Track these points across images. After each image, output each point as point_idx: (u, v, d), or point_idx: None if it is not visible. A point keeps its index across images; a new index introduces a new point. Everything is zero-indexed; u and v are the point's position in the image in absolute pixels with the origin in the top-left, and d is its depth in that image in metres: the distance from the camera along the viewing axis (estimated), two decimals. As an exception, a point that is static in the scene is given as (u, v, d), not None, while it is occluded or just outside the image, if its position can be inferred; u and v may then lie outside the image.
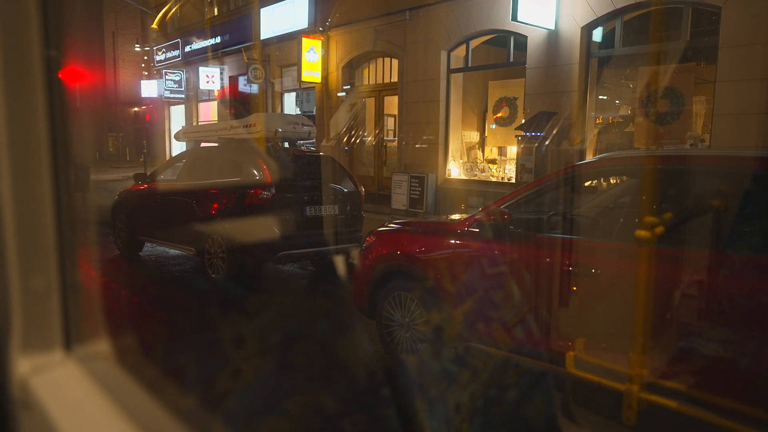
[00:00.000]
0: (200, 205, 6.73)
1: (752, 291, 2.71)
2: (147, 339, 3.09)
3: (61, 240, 0.92)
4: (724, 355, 2.69)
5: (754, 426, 2.51)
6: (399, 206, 11.24)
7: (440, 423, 1.55)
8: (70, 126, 0.95)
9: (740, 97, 6.94)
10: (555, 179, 3.81)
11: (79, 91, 17.03)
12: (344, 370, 1.50)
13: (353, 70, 13.49)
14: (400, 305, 4.01)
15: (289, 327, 1.92)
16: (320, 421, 1.47)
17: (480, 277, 3.60)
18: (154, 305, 5.65)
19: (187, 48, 19.56)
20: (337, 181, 6.97)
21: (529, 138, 8.75)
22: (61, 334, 0.90)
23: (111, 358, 0.92)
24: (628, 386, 2.80)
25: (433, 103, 11.11)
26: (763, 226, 2.90)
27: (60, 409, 0.79)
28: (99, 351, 0.92)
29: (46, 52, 0.88)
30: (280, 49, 15.01)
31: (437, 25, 10.87)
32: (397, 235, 4.41)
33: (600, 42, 8.85)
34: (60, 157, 0.92)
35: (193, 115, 20.06)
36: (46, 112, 0.89)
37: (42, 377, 0.85)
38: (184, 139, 8.92)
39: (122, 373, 0.87)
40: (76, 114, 1.00)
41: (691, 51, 7.79)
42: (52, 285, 0.90)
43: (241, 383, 1.80)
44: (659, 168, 3.26)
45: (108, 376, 0.85)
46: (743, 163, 3.15)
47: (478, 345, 3.31)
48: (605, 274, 3.20)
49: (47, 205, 0.90)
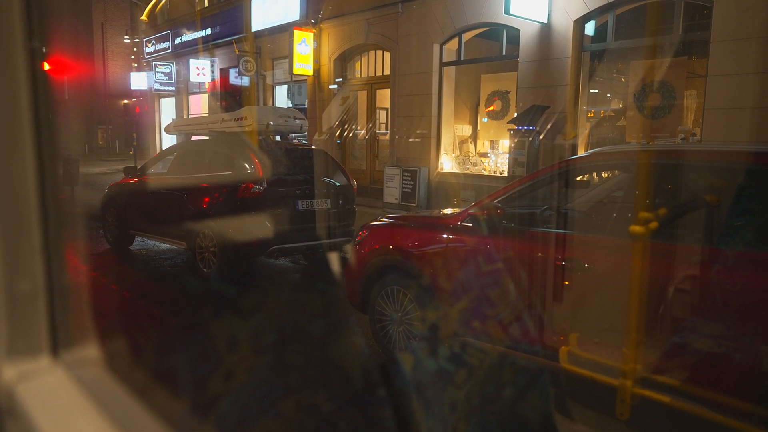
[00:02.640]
0: (191, 198, 6.67)
1: (745, 286, 2.72)
2: (137, 337, 3.05)
3: (47, 240, 0.88)
4: (716, 350, 2.70)
5: (746, 420, 2.52)
6: (391, 200, 11.21)
7: (435, 420, 1.53)
8: (56, 120, 0.92)
9: (731, 91, 6.96)
10: (548, 174, 3.80)
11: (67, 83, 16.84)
12: (337, 365, 1.48)
13: (345, 62, 13.41)
14: (393, 300, 3.99)
15: (282, 322, 1.90)
16: (313, 420, 1.45)
17: (473, 272, 3.59)
18: (144, 300, 5.60)
19: (177, 40, 19.36)
20: (330, 175, 6.94)
21: (522, 132, 8.74)
22: (47, 340, 0.87)
23: (100, 363, 0.88)
24: (621, 381, 2.81)
25: (425, 96, 11.07)
26: (756, 221, 2.90)
27: (47, 417, 0.76)
28: (87, 356, 0.89)
29: (29, 44, 0.84)
30: (271, 42, 14.89)
31: (430, 18, 10.81)
32: (389, 230, 4.39)
33: (592, 36, 8.85)
34: (45, 152, 0.88)
35: (184, 108, 19.88)
36: (30, 106, 0.86)
37: (28, 384, 0.82)
38: (174, 132, 8.84)
39: (111, 379, 0.84)
40: (64, 107, 0.96)
41: (682, 45, 7.80)
42: (39, 288, 0.86)
43: (233, 383, 1.78)
44: (652, 163, 3.25)
45: (96, 383, 0.82)
46: (736, 158, 3.15)
47: (472, 340, 3.31)
48: (598, 269, 3.20)
49: (32, 203, 0.87)
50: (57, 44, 0.96)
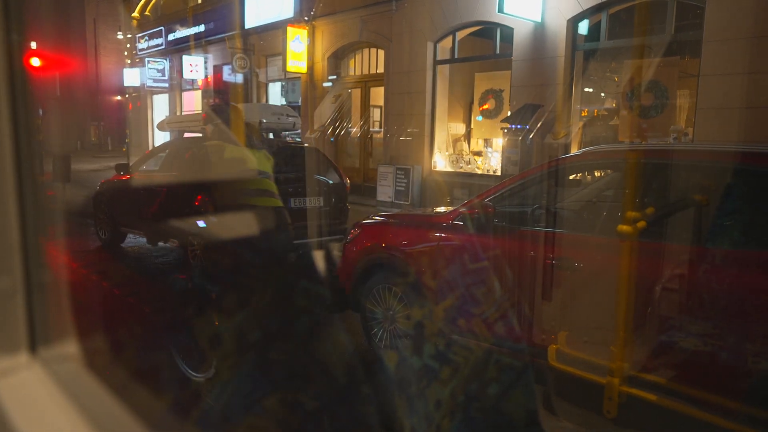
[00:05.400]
0: (183, 195, 6.64)
1: (733, 285, 2.74)
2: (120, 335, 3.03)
3: (25, 237, 0.88)
4: (703, 348, 2.72)
5: (732, 418, 2.54)
6: (384, 198, 11.21)
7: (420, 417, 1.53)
8: (35, 116, 0.91)
9: (723, 91, 7.00)
10: (539, 172, 3.81)
11: (59, 79, 16.67)
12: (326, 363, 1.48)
13: (339, 60, 13.38)
14: (384, 299, 4.00)
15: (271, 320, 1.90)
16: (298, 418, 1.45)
17: (464, 271, 3.60)
18: (133, 297, 5.57)
19: (170, 36, 19.26)
20: (322, 173, 6.92)
21: (515, 130, 8.76)
22: (26, 336, 0.86)
23: (79, 360, 0.88)
24: (609, 379, 2.82)
25: (419, 94, 11.07)
26: (744, 220, 2.92)
27: (23, 414, 0.76)
28: (66, 353, 0.88)
29: (6, 37, 0.83)
30: (264, 39, 14.84)
31: (423, 15, 10.80)
32: (381, 228, 4.39)
33: (586, 35, 8.87)
34: (23, 148, 0.88)
35: (177, 105, 19.79)
36: (8, 101, 0.85)
37: (5, 381, 0.81)
38: (167, 129, 8.79)
39: (90, 376, 0.84)
40: (56, 103, 0.95)
41: (675, 45, 7.83)
42: (17, 285, 0.86)
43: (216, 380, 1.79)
44: (643, 162, 3.26)
45: (74, 380, 0.82)
46: (725, 158, 3.17)
47: (462, 339, 3.31)
48: (588, 268, 3.21)
49: (10, 200, 0.86)
50: (48, 40, 0.95)
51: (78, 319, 0.97)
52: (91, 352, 0.92)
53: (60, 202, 7.58)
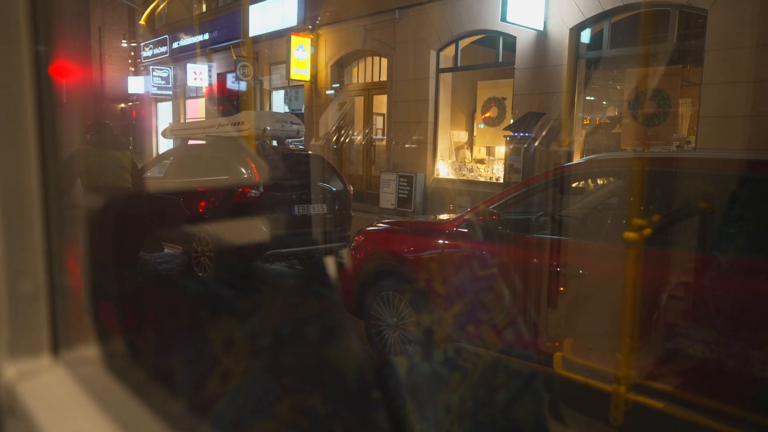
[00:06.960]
0: (187, 202, 6.67)
1: (738, 292, 2.74)
2: (135, 341, 3.04)
3: (49, 241, 0.90)
4: (710, 356, 2.72)
5: (738, 426, 2.53)
6: (387, 205, 11.23)
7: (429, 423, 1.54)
8: (59, 123, 0.93)
9: (725, 99, 7.02)
10: (543, 180, 3.82)
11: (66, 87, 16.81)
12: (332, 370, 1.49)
13: (342, 68, 13.44)
14: (389, 305, 4.01)
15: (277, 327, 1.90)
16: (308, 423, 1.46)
17: (469, 278, 3.61)
18: (142, 303, 5.59)
19: (174, 44, 19.37)
20: (326, 180, 6.95)
21: (518, 138, 8.78)
22: (48, 339, 0.88)
23: (99, 362, 0.90)
24: (615, 387, 2.82)
25: (422, 102, 11.11)
26: (749, 228, 2.93)
27: (47, 415, 0.77)
28: (87, 356, 0.90)
29: (35, 47, 0.86)
30: (269, 47, 14.92)
31: (427, 24, 10.87)
32: (385, 235, 4.41)
33: (588, 43, 8.91)
34: (49, 155, 0.90)
35: (181, 112, 19.87)
36: (35, 109, 0.87)
37: (29, 383, 0.83)
38: (171, 137, 8.83)
39: (111, 378, 0.85)
40: (63, 110, 0.97)
41: (677, 53, 7.86)
42: (40, 288, 0.88)
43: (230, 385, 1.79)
44: (647, 170, 3.28)
45: (96, 382, 0.83)
46: (729, 166, 3.18)
47: (468, 346, 3.32)
48: (593, 275, 3.22)
49: (35, 204, 0.88)
50: (60, 48, 0.97)
51: (95, 324, 0.99)
52: (111, 354, 0.93)
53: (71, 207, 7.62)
